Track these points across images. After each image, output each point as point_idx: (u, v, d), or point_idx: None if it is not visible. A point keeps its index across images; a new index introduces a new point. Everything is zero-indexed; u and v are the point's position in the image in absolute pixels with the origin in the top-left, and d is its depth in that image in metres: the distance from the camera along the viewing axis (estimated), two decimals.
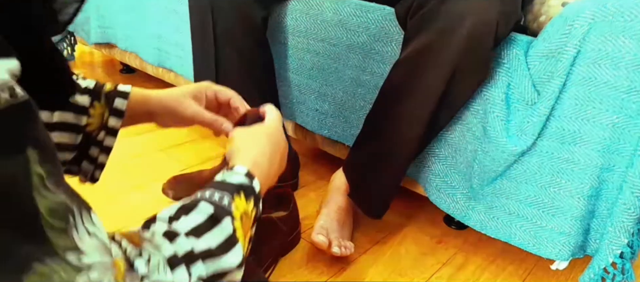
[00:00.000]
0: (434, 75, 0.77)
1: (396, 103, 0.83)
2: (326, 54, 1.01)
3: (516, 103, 0.79)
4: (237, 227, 0.45)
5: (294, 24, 1.05)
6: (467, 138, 0.86)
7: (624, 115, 0.71)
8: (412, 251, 0.94)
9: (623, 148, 0.72)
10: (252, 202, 0.48)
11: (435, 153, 0.92)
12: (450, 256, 0.94)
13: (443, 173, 0.91)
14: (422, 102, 0.80)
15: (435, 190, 0.93)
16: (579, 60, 0.72)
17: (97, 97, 0.55)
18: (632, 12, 0.67)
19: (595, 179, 0.75)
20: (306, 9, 1.02)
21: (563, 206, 0.78)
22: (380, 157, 0.88)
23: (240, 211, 0.46)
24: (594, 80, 0.71)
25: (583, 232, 0.79)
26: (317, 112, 1.08)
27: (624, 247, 0.72)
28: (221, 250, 0.42)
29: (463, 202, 0.89)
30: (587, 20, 0.70)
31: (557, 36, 0.74)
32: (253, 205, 0.48)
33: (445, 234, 1.01)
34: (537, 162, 0.79)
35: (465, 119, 0.85)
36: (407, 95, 0.81)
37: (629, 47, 0.68)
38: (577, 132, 0.74)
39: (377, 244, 0.95)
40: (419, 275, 0.88)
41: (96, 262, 0.32)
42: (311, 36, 1.02)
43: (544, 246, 0.81)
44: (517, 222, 0.83)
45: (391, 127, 0.85)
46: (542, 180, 0.79)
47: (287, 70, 1.10)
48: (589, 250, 0.81)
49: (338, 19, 0.97)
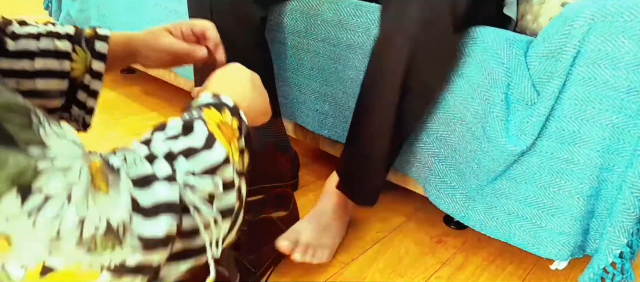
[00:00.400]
0: (393, 62, 0.77)
1: (366, 94, 0.85)
2: (326, 54, 1.01)
3: (516, 103, 0.79)
4: (215, 132, 0.43)
5: (293, 24, 1.05)
6: (466, 138, 0.86)
7: (623, 116, 0.71)
8: (412, 251, 0.94)
9: (622, 148, 0.72)
10: (227, 113, 0.47)
11: (435, 153, 0.92)
12: (449, 255, 0.94)
13: (443, 173, 0.91)
14: (385, 91, 0.80)
15: (435, 190, 0.93)
16: (578, 61, 0.72)
17: (78, 43, 0.56)
18: (631, 12, 0.67)
19: (594, 179, 0.75)
20: (306, 9, 1.02)
21: (563, 205, 0.78)
22: (362, 147, 0.88)
23: (215, 121, 0.45)
24: (594, 81, 0.71)
25: (582, 232, 0.79)
26: (317, 112, 1.08)
27: (623, 247, 0.72)
28: (202, 147, 0.42)
29: (463, 202, 0.89)
30: (587, 21, 0.70)
31: (557, 36, 0.74)
32: (232, 116, 0.47)
33: (445, 234, 1.01)
34: (536, 162, 0.79)
35: (465, 119, 0.85)
36: (372, 86, 0.82)
37: (628, 48, 0.68)
38: (577, 132, 0.74)
39: (377, 244, 0.95)
40: (418, 275, 0.88)
41: (64, 153, 0.31)
42: (311, 36, 1.02)
43: (543, 245, 0.81)
44: (517, 222, 0.83)
45: (365, 118, 0.86)
46: (542, 180, 0.79)
47: (287, 70, 1.10)
48: (588, 250, 0.81)
49: (338, 19, 0.97)
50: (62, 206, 0.30)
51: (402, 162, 0.98)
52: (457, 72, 0.84)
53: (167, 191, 0.36)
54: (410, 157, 0.96)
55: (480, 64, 0.81)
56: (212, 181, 0.40)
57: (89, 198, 0.31)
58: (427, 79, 0.80)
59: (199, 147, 0.41)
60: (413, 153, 0.95)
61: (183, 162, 0.39)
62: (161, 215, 0.35)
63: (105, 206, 0.32)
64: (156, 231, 0.35)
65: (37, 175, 0.29)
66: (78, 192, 0.31)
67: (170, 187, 0.37)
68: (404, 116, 0.83)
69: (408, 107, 0.82)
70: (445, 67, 0.80)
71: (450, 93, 0.86)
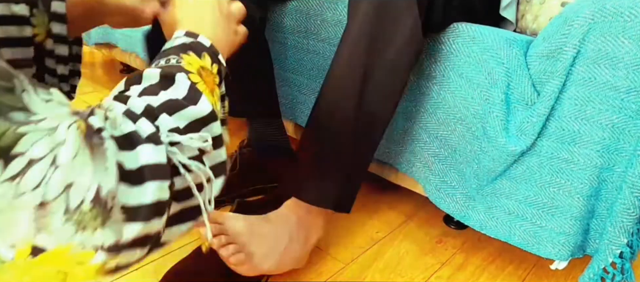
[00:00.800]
0: (349, 43, 0.74)
1: (326, 84, 0.79)
2: (326, 54, 1.01)
3: (516, 103, 0.79)
4: (197, 81, 0.40)
5: (293, 24, 1.05)
6: (466, 138, 0.86)
7: (623, 116, 0.71)
8: (412, 251, 0.94)
9: (622, 148, 0.72)
10: (207, 57, 0.44)
11: (435, 153, 0.92)
12: (449, 255, 0.94)
13: (443, 173, 0.92)
14: (344, 77, 0.75)
15: (434, 190, 0.93)
16: (578, 61, 0.72)
17: (35, 4, 0.52)
18: (631, 12, 0.67)
19: (594, 179, 0.75)
20: (306, 9, 1.02)
21: (563, 205, 0.78)
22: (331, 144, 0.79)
23: (195, 67, 0.42)
24: (594, 81, 0.71)
25: (582, 232, 0.79)
26: None
27: (623, 247, 0.72)
28: (185, 101, 0.38)
29: (463, 202, 0.89)
30: (587, 21, 0.70)
31: (557, 36, 0.74)
32: (211, 60, 0.45)
33: (444, 233, 1.01)
34: (536, 162, 0.79)
35: (465, 119, 0.85)
36: (330, 75, 0.78)
37: (628, 48, 0.68)
38: (577, 132, 0.74)
39: (377, 244, 0.95)
40: (418, 275, 0.88)
41: (50, 115, 0.29)
42: (311, 36, 1.02)
43: (543, 245, 0.81)
44: (517, 222, 0.83)
45: (327, 111, 0.79)
46: (542, 180, 0.79)
47: (287, 71, 1.10)
48: (588, 250, 0.81)
49: (338, 19, 0.97)
50: (46, 170, 0.28)
51: (402, 162, 0.98)
52: (457, 72, 0.84)
53: (153, 152, 0.33)
54: (410, 157, 0.96)
55: (480, 64, 0.81)
56: (200, 137, 0.37)
57: (79, 160, 0.29)
58: (393, 67, 0.75)
59: (182, 101, 0.38)
60: (413, 153, 0.95)
61: (166, 119, 0.36)
62: (148, 180, 0.33)
63: (93, 172, 0.30)
64: (143, 198, 0.32)
65: (18, 138, 0.27)
66: (65, 154, 0.28)
67: (156, 147, 0.33)
68: (365, 101, 0.76)
69: (369, 93, 0.76)
70: (413, 52, 0.75)
71: (450, 93, 0.86)
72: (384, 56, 0.75)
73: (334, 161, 0.78)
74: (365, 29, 0.74)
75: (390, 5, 0.73)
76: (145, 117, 0.35)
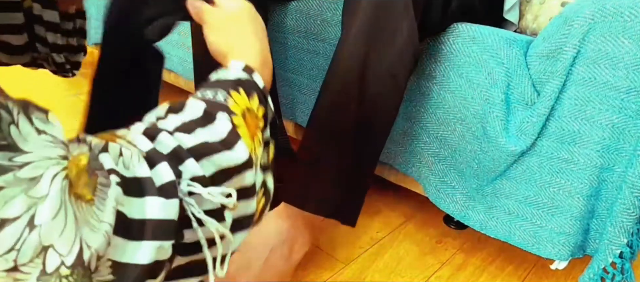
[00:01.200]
0: (348, 45, 0.74)
1: (327, 83, 0.78)
2: (326, 54, 1.01)
3: (516, 103, 0.79)
4: (239, 124, 0.37)
5: (294, 24, 1.05)
6: (466, 138, 0.86)
7: (623, 116, 0.71)
8: (411, 251, 0.94)
9: (622, 148, 0.72)
10: (255, 99, 0.41)
11: (435, 153, 0.92)
12: (449, 255, 0.94)
13: (442, 173, 0.92)
14: (343, 75, 0.75)
15: (434, 190, 0.93)
16: (578, 61, 0.72)
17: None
18: (631, 12, 0.67)
19: (594, 179, 0.75)
20: (306, 9, 1.02)
21: (562, 205, 0.78)
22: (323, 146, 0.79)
23: (241, 107, 0.38)
24: (594, 81, 0.71)
25: (582, 232, 0.79)
26: None
27: (623, 247, 0.72)
28: (220, 145, 0.35)
29: (463, 202, 0.89)
30: (587, 21, 0.70)
31: (557, 36, 0.74)
32: (258, 102, 0.41)
33: (444, 234, 1.01)
34: (536, 162, 0.79)
35: (465, 119, 0.85)
36: (330, 75, 0.77)
37: (628, 48, 0.68)
38: (577, 132, 0.74)
39: (377, 244, 0.95)
40: (418, 275, 0.88)
41: (35, 157, 0.25)
42: (311, 36, 1.03)
43: (543, 245, 0.81)
44: (517, 222, 0.83)
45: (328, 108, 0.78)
46: (542, 180, 0.79)
47: (287, 71, 1.10)
48: (588, 250, 0.81)
49: (338, 19, 0.97)
50: (21, 232, 0.24)
51: (402, 163, 0.98)
52: (457, 72, 0.84)
53: (162, 208, 0.30)
54: (410, 158, 0.96)
55: (480, 64, 0.81)
56: (222, 192, 0.34)
57: (59, 220, 0.26)
58: (392, 69, 0.75)
59: (216, 144, 0.35)
60: (413, 153, 0.95)
61: (192, 165, 0.33)
62: (147, 239, 0.29)
63: (84, 220, 0.27)
64: (139, 257, 0.29)
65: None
66: (44, 213, 0.25)
67: (166, 202, 0.30)
68: (365, 97, 0.75)
69: (369, 90, 0.75)
70: (410, 53, 0.74)
71: (450, 93, 0.86)
72: (384, 56, 0.75)
73: (335, 162, 0.77)
74: (364, 29, 0.74)
75: (389, 6, 0.73)
76: (169, 160, 0.32)
